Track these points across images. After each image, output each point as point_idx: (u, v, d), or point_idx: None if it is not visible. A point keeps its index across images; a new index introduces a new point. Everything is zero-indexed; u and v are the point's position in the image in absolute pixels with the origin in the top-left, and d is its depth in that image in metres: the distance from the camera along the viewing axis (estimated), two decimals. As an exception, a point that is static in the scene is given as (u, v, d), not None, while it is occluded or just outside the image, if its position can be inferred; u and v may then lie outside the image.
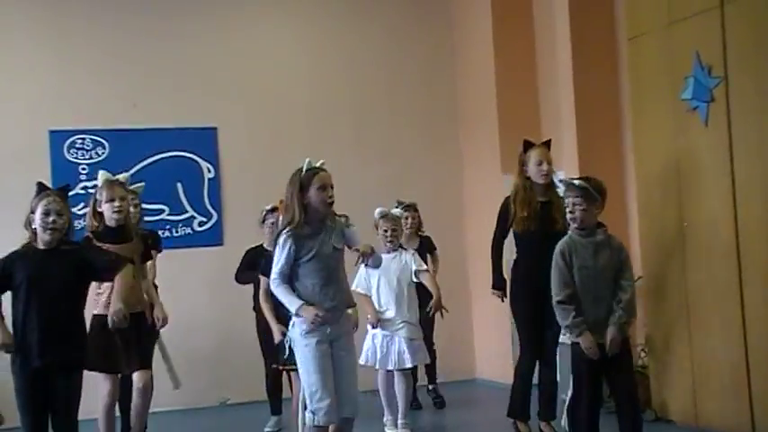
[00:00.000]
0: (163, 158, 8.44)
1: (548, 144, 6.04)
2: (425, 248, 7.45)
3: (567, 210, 5.04)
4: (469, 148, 9.13)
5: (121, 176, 5.84)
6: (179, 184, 8.49)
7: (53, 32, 8.30)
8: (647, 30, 6.50)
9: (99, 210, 5.59)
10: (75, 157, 8.25)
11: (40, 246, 4.55)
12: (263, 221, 6.93)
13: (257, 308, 7.01)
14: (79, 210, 8.16)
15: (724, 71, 5.77)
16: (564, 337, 5.77)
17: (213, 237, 8.45)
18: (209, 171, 8.58)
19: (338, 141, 8.86)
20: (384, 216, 6.40)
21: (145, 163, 8.37)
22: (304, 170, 4.69)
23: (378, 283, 6.34)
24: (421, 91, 9.20)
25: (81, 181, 8.23)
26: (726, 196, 5.78)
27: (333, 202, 4.73)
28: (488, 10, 8.53)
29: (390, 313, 6.28)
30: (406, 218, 7.17)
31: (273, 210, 6.79)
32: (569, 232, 5.09)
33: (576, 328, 4.90)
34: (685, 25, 6.09)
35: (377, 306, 6.33)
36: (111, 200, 5.56)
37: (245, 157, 8.67)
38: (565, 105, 7.51)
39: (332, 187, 4.70)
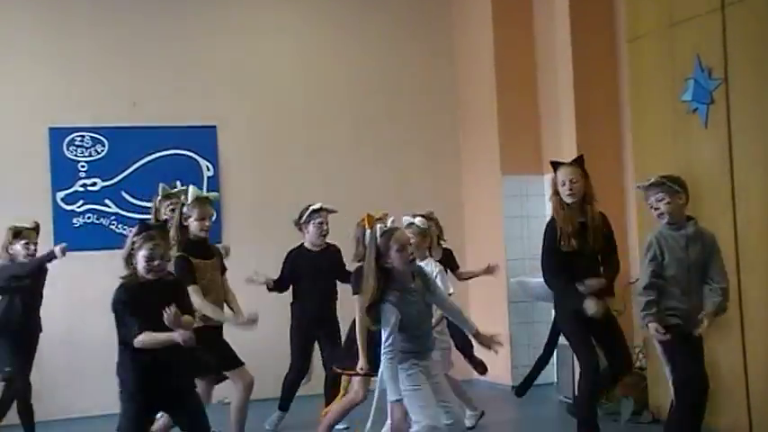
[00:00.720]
0: (162, 156, 8.44)
1: (578, 161, 5.76)
2: (448, 263, 7.13)
3: (652, 208, 5.07)
4: (469, 150, 9.12)
5: (212, 195, 5.97)
6: (178, 183, 8.46)
7: (54, 30, 8.30)
8: (647, 31, 6.50)
9: (185, 224, 5.70)
10: (75, 155, 8.24)
11: (142, 279, 4.54)
12: (308, 221, 6.85)
13: (294, 308, 6.97)
14: (78, 207, 8.20)
15: (724, 73, 5.77)
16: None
17: (212, 235, 8.31)
18: (209, 169, 8.58)
19: (337, 142, 8.86)
20: (408, 226, 6.22)
21: (144, 161, 8.37)
22: (378, 237, 4.54)
23: None
24: (421, 92, 9.19)
25: (80, 179, 8.23)
26: (725, 198, 5.78)
27: (414, 258, 4.66)
28: (489, 11, 8.52)
29: None
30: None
31: (320, 210, 6.78)
32: (660, 227, 5.06)
33: (646, 317, 4.91)
34: (686, 27, 6.09)
35: None
36: (203, 218, 5.70)
37: (245, 156, 8.67)
38: (565, 107, 7.52)
39: (411, 243, 4.63)
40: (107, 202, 8.28)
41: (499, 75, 8.48)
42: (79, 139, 8.26)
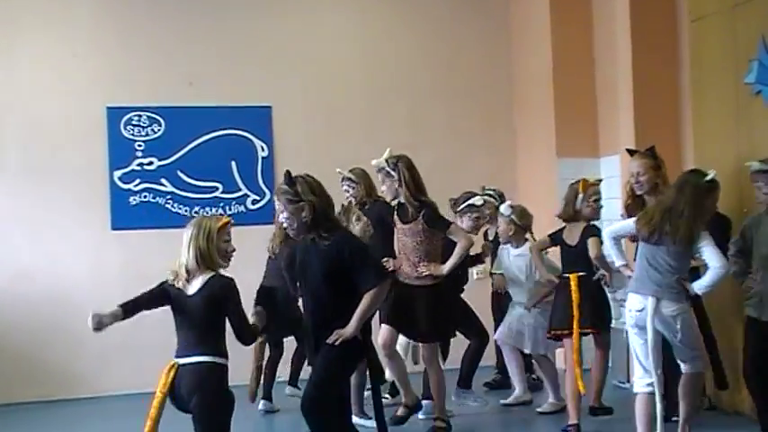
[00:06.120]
0: (217, 136, 8.50)
1: (650, 151, 5.97)
2: None
3: (762, 192, 5.24)
4: (524, 131, 9.04)
5: None
6: (233, 163, 8.55)
7: (112, 10, 8.39)
8: (710, 11, 6.36)
9: None
10: (132, 134, 8.33)
11: None
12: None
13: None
14: (135, 186, 8.30)
15: (790, 54, 5.63)
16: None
17: (266, 215, 8.47)
18: (263, 150, 8.62)
19: (392, 123, 8.84)
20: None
21: (200, 141, 8.44)
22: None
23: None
24: (476, 73, 9.13)
25: (137, 158, 8.32)
26: (788, 183, 5.63)
27: None
28: (546, -10, 8.41)
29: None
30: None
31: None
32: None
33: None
34: (751, 7, 5.95)
35: None
36: None
37: (300, 137, 8.69)
38: (623, 88, 7.39)
39: None
40: (163, 181, 8.37)
41: (555, 54, 8.37)
42: (136, 118, 8.35)
